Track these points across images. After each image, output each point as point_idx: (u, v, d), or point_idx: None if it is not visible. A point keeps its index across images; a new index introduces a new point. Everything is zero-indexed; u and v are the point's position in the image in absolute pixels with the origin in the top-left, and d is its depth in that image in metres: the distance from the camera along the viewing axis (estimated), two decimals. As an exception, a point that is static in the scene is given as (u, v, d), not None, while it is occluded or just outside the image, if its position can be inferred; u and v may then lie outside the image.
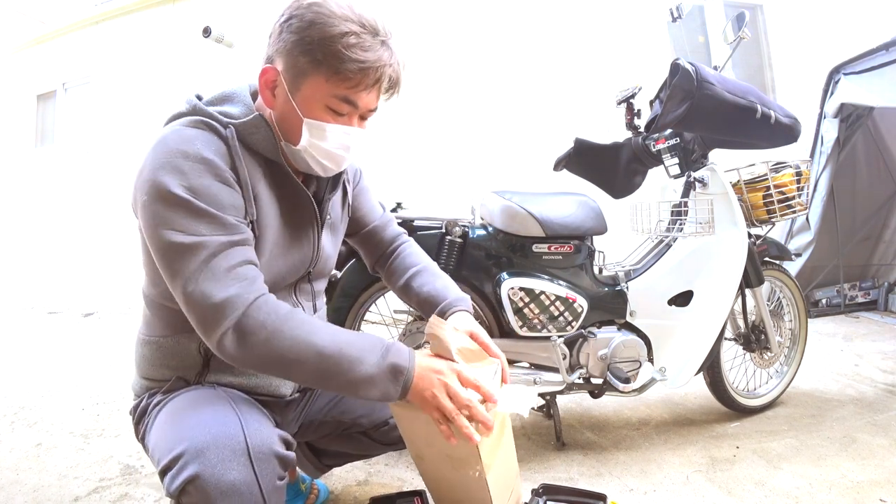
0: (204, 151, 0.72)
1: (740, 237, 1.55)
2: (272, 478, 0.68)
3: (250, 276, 0.72)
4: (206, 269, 0.68)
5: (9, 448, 1.60)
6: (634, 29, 3.71)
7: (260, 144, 0.79)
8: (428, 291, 0.99)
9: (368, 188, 1.09)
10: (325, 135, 0.78)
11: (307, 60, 0.73)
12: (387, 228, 1.10)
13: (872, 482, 1.35)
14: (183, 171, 0.69)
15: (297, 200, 0.85)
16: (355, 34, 0.72)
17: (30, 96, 5.65)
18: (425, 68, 3.51)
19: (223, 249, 0.70)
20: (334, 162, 0.82)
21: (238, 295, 0.69)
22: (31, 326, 3.44)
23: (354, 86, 0.75)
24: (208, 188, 0.70)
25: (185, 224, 0.69)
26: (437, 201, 1.96)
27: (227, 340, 0.68)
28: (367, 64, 0.73)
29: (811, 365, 2.32)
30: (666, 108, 1.46)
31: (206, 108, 0.77)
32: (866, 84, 2.83)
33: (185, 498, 0.63)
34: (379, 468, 1.44)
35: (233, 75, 3.90)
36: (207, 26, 3.50)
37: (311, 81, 0.74)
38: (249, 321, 0.68)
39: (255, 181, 0.78)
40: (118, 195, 4.55)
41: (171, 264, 0.69)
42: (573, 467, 1.46)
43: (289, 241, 0.85)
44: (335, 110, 0.77)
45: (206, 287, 0.68)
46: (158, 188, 0.69)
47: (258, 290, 0.71)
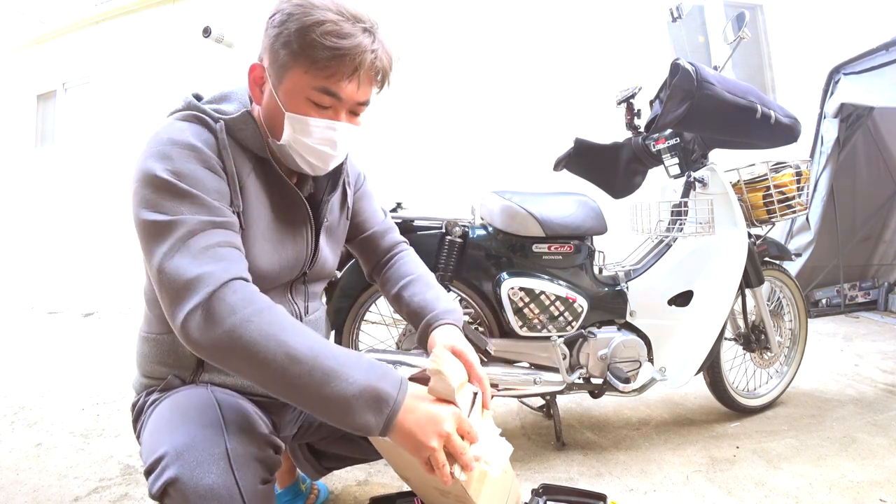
0: (192, 139, 0.72)
1: (740, 237, 1.55)
2: (254, 482, 0.67)
3: (230, 258, 0.68)
4: (182, 246, 0.66)
5: (9, 448, 1.60)
6: (634, 29, 3.71)
7: (248, 140, 0.79)
8: (418, 302, 0.95)
9: (371, 194, 1.07)
10: (309, 129, 0.76)
11: (286, 53, 0.72)
12: (386, 236, 1.08)
13: (872, 482, 1.35)
14: (170, 157, 0.70)
15: (288, 199, 0.84)
16: (332, 22, 0.70)
17: (30, 96, 5.65)
18: (425, 68, 3.51)
19: (203, 228, 0.68)
20: (320, 159, 0.80)
21: (211, 273, 0.64)
22: (31, 326, 3.44)
23: (331, 75, 0.72)
24: (193, 172, 0.70)
25: (168, 205, 0.68)
26: (437, 201, 1.96)
27: (191, 321, 0.62)
28: (342, 51, 0.70)
29: (811, 365, 2.32)
30: (666, 108, 1.46)
31: (200, 105, 0.79)
32: (866, 84, 2.83)
33: (168, 500, 0.63)
34: (379, 468, 1.44)
35: (233, 75, 3.92)
36: (207, 26, 3.50)
37: (292, 74, 0.73)
38: (218, 303, 0.63)
39: (244, 175, 0.78)
40: (118, 195, 4.55)
41: (148, 243, 0.67)
42: (573, 467, 1.46)
43: (279, 238, 0.84)
44: (317, 103, 0.75)
45: (180, 263, 0.64)
46: (145, 173, 0.69)
47: (236, 273, 0.67)
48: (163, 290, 0.65)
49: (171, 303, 0.64)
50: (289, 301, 0.90)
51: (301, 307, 0.92)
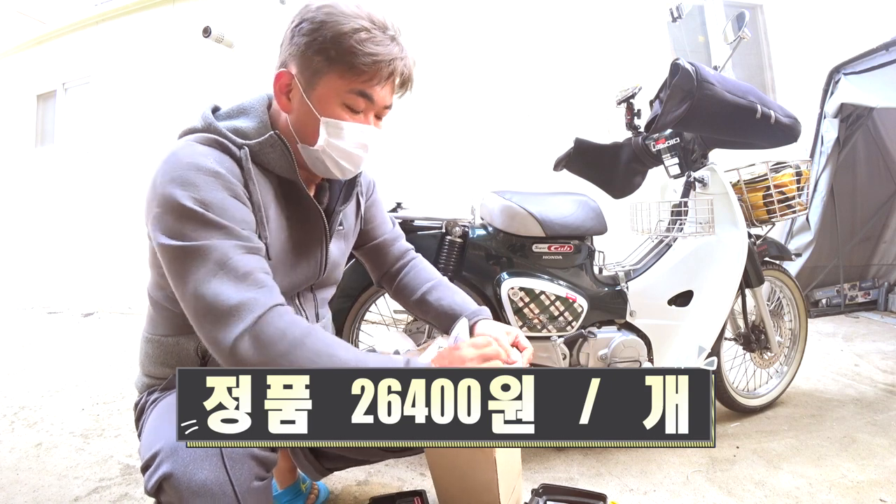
0: (216, 166, 0.72)
1: (740, 237, 1.55)
2: (247, 479, 0.68)
3: (268, 284, 0.70)
4: (219, 271, 0.67)
5: (9, 448, 1.60)
6: (634, 29, 3.71)
7: (274, 164, 0.79)
8: (448, 304, 1.00)
9: (381, 201, 1.10)
10: (343, 133, 0.78)
11: (321, 59, 0.74)
12: (396, 243, 1.10)
13: (872, 482, 1.35)
14: (195, 184, 0.69)
15: (308, 216, 0.85)
16: (366, 30, 0.73)
17: (30, 96, 5.65)
18: (425, 68, 3.50)
19: (238, 253, 0.69)
20: (352, 162, 0.82)
21: (255, 299, 0.67)
22: (31, 326, 3.44)
23: (369, 79, 0.75)
24: (221, 202, 0.70)
25: (197, 234, 0.68)
26: (437, 201, 1.96)
27: (242, 345, 0.65)
28: (380, 57, 0.74)
29: (811, 365, 2.32)
30: (666, 108, 1.46)
31: (219, 127, 0.78)
32: (866, 84, 2.84)
33: (163, 496, 0.65)
34: (379, 468, 1.44)
35: (232, 76, 3.92)
36: (207, 26, 3.50)
37: (327, 79, 0.75)
38: (269, 328, 0.66)
39: (268, 202, 0.79)
40: (118, 195, 4.55)
41: (179, 269, 0.68)
42: (573, 467, 1.46)
43: (294, 259, 0.85)
44: (351, 107, 0.77)
45: (220, 289, 0.66)
46: (170, 200, 0.68)
47: (276, 299, 0.70)
48: (200, 314, 0.67)
49: (215, 328, 0.66)
50: (297, 307, 0.91)
51: (311, 314, 0.94)
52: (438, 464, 0.96)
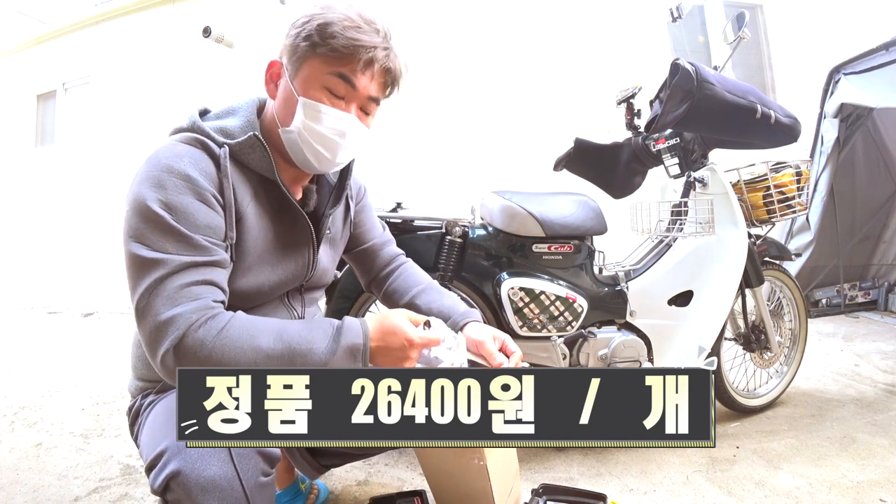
0: (189, 169, 0.72)
1: (740, 237, 1.55)
2: (255, 474, 0.68)
3: (203, 296, 0.69)
4: (159, 286, 0.67)
5: (9, 448, 1.60)
6: (634, 29, 3.71)
7: (255, 163, 0.80)
8: (438, 308, 1.00)
9: (371, 206, 1.10)
10: (320, 116, 0.78)
11: (306, 45, 0.77)
12: (385, 248, 1.11)
13: (872, 482, 1.35)
14: (164, 187, 0.70)
15: (292, 218, 0.85)
16: (351, 20, 0.77)
17: (30, 96, 5.64)
18: (426, 69, 3.51)
19: (182, 269, 0.68)
20: (329, 149, 0.81)
21: (181, 314, 0.66)
22: (31, 326, 3.44)
23: (348, 62, 0.77)
24: (186, 206, 0.70)
25: (153, 240, 0.68)
26: (437, 201, 1.96)
27: (167, 362, 0.65)
28: (359, 42, 0.76)
29: (811, 365, 2.32)
30: (666, 108, 1.46)
31: (203, 126, 0.79)
32: (866, 84, 2.84)
33: (170, 494, 0.65)
34: (379, 468, 1.44)
35: (232, 76, 3.92)
36: (207, 26, 3.50)
37: (309, 63, 0.78)
38: (188, 340, 0.65)
39: (244, 202, 0.79)
40: (118, 195, 4.52)
41: (131, 277, 0.69)
42: (573, 467, 1.46)
43: (278, 259, 0.85)
44: (332, 89, 0.78)
45: (155, 304, 0.66)
46: (137, 201, 0.70)
47: (207, 311, 0.68)
48: (140, 330, 0.68)
49: (147, 344, 0.67)
50: (286, 306, 0.91)
51: (298, 312, 0.94)
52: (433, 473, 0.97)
